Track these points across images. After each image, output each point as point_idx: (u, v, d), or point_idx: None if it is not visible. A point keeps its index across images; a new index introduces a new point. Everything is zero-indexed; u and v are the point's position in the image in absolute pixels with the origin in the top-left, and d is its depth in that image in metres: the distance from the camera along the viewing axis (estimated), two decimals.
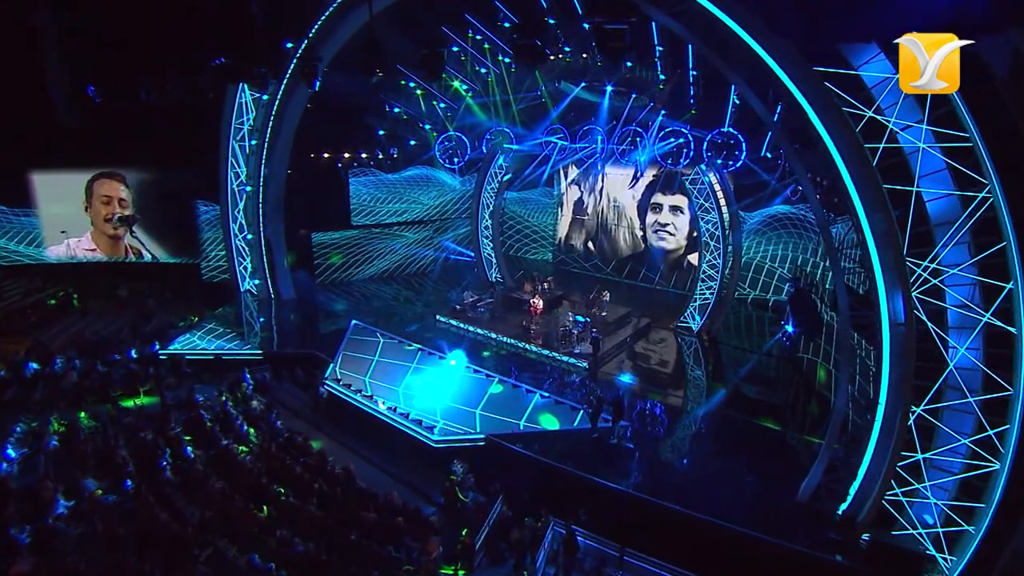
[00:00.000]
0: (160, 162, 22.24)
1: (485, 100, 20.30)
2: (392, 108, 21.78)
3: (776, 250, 20.73)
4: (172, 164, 21.96)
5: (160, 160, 22.09)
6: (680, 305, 21.18)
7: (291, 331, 19.33)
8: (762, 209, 19.81)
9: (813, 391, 15.07)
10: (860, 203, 9.15)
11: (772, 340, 18.34)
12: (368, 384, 15.43)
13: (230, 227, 20.89)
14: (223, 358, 17.10)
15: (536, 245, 27.57)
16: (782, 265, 20.54)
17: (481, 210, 23.61)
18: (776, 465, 12.62)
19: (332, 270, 23.77)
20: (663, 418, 14.76)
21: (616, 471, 12.18)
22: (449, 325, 19.56)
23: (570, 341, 17.53)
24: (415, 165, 24.56)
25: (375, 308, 21.42)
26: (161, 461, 11.96)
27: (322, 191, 22.69)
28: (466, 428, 13.69)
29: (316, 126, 20.28)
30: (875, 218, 8.97)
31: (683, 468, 12.74)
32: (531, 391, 14.76)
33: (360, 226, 23.90)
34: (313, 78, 13.54)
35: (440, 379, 15.32)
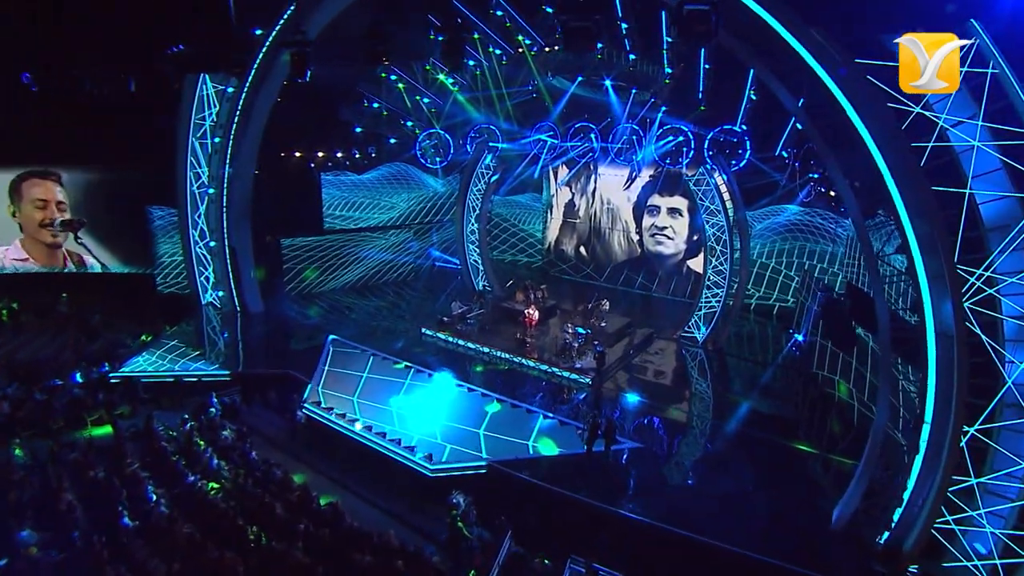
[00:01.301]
0: (106, 160, 20.94)
1: (474, 95, 19.74)
2: (371, 103, 21.10)
3: (780, 254, 20.71)
4: (120, 163, 20.71)
5: (106, 158, 20.79)
6: (681, 313, 21.00)
7: (261, 348, 18.48)
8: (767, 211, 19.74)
9: (832, 407, 14.87)
10: (904, 207, 8.89)
11: (785, 350, 18.18)
12: (352, 407, 14.69)
13: (190, 233, 19.88)
14: (185, 380, 16.09)
15: (522, 251, 27.19)
16: (788, 270, 20.51)
17: (467, 213, 22.99)
18: (795, 487, 12.34)
19: (305, 281, 22.93)
20: (663, 435, 14.45)
21: (626, 497, 11.78)
22: (437, 339, 18.96)
23: (570, 355, 17.05)
24: (391, 163, 23.92)
25: (354, 321, 20.72)
26: (117, 505, 10.86)
27: (293, 193, 21.86)
28: (465, 453, 13.05)
29: (287, 122, 19.50)
30: (921, 223, 8.70)
31: (698, 491, 12.37)
32: (533, 411, 14.38)
33: (333, 231, 23.13)
34: (304, 66, 12.70)
35: (432, 400, 14.78)
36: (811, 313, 15.95)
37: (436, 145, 22.46)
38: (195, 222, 19.83)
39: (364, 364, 16.24)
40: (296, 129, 20.80)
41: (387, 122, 21.91)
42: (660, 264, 23.74)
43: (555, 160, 22.52)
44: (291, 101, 18.91)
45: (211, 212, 19.76)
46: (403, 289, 24.49)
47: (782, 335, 20.11)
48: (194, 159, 19.34)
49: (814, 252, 19.57)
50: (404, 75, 19.38)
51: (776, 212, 19.76)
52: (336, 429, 14.00)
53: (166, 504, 11.18)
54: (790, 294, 20.71)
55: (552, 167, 24.50)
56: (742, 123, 15.33)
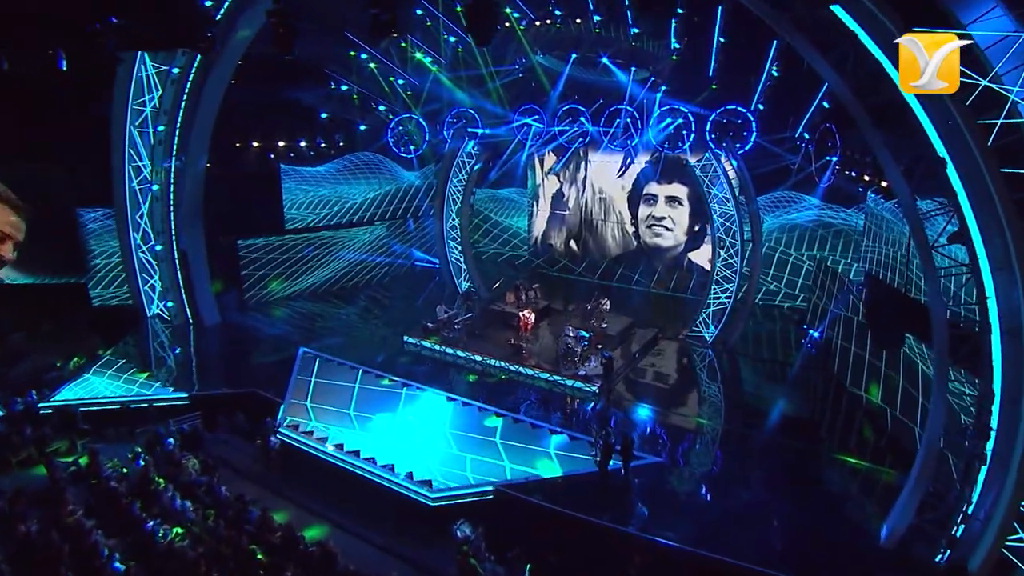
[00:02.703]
0: (27, 154, 19.21)
1: (455, 75, 19.03)
2: (339, 85, 20.30)
3: (787, 243, 20.65)
4: (43, 157, 19.01)
5: (27, 152, 19.07)
6: (684, 311, 20.90)
7: (221, 365, 17.64)
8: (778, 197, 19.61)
9: (859, 410, 14.72)
10: (965, 191, 8.57)
11: (804, 349, 18.11)
12: (334, 429, 13.91)
13: (130, 236, 18.67)
14: (134, 407, 14.87)
15: (506, 244, 26.76)
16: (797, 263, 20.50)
17: (447, 207, 22.26)
18: (828, 499, 12.13)
19: (268, 287, 21.96)
20: (680, 446, 14.23)
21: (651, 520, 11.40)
22: (421, 348, 18.37)
23: (573, 361, 16.54)
24: (360, 153, 23.24)
25: (325, 330, 19.96)
26: (58, 565, 9.68)
27: (250, 188, 20.89)
28: (467, 477, 12.46)
29: (243, 107, 18.54)
30: (986, 208, 8.39)
31: (727, 508, 11.99)
32: (538, 426, 13.97)
33: (296, 230, 22.18)
34: (290, 40, 11.67)
35: (425, 417, 14.26)
36: (839, 306, 15.83)
37: (411, 132, 21.75)
38: (136, 223, 18.67)
39: (343, 379, 15.65)
40: (253, 115, 19.87)
41: (357, 107, 21.28)
42: (658, 258, 23.53)
43: (542, 147, 21.98)
44: (247, 84, 17.97)
45: (156, 212, 18.65)
46: (378, 293, 23.83)
47: (789, 330, 20.14)
48: (133, 151, 18.10)
49: (824, 240, 19.56)
50: (377, 54, 18.47)
51: (790, 201, 19.61)
52: (318, 456, 13.23)
53: (121, 558, 10.06)
54: (798, 289, 20.69)
55: (539, 154, 24.07)
56: (759, 103, 14.99)
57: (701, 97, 16.42)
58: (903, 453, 12.75)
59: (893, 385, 13.56)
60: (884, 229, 14.42)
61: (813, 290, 19.26)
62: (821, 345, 17.53)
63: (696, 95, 16.63)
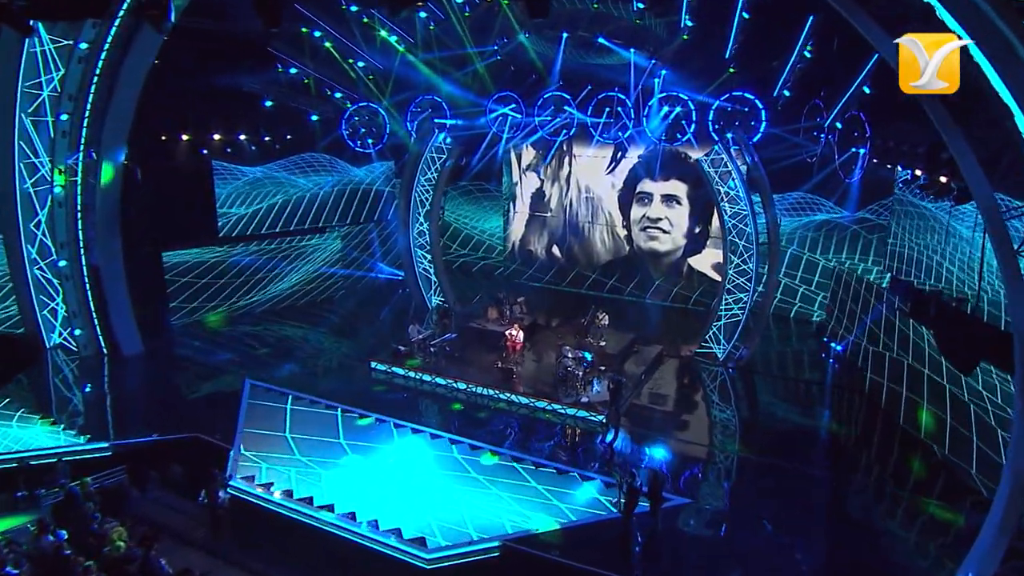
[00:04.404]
0: None
1: (426, 58, 18.54)
2: (287, 68, 19.54)
3: (802, 244, 20.82)
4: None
5: None
6: (688, 324, 20.75)
7: (147, 405, 16.54)
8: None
9: (896, 435, 14.68)
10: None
11: (830, 366, 18.18)
12: (297, 478, 12.95)
13: (23, 250, 17.35)
14: (34, 463, 13.32)
15: (478, 253, 26.61)
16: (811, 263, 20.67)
17: (413, 211, 21.48)
18: (884, 541, 11.87)
19: (204, 309, 21.00)
20: (705, 480, 14.04)
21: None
22: (392, 375, 17.73)
23: (574, 386, 16.05)
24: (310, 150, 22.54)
25: (275, 356, 19.14)
26: None
27: (179, 190, 19.98)
28: (465, 532, 11.70)
29: (170, 94, 17.71)
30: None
31: (774, 556, 11.57)
32: (543, 465, 13.56)
33: (234, 239, 21.38)
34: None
35: (407, 460, 13.70)
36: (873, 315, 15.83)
37: (369, 123, 21.44)
38: (31, 234, 17.35)
39: (304, 416, 15.10)
40: (183, 103, 18.89)
41: (310, 94, 20.54)
42: (655, 264, 23.39)
43: (521, 140, 21.64)
44: (176, 64, 17.07)
45: (58, 219, 17.39)
46: (332, 311, 23.16)
47: (806, 343, 20.24)
48: (26, 145, 16.79)
49: (841, 243, 19.68)
50: (334, 31, 17.70)
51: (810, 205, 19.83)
52: (281, 513, 12.28)
53: None
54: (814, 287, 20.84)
55: (516, 149, 23.79)
56: (784, 88, 14.89)
57: (717, 83, 16.23)
58: (959, 487, 12.72)
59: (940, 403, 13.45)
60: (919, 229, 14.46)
61: (837, 296, 19.32)
62: (846, 360, 17.54)
63: (709, 81, 16.43)
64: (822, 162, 16.68)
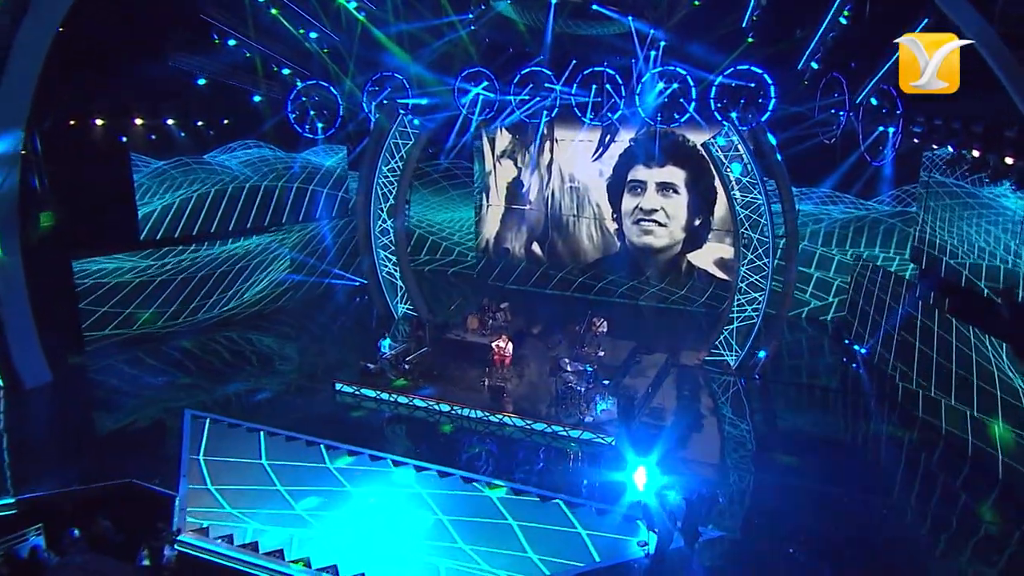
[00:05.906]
0: None
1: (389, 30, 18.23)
2: (224, 39, 18.58)
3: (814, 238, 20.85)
4: None
5: None
6: (693, 329, 20.65)
7: (61, 447, 15.34)
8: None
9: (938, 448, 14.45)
10: None
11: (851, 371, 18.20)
12: (262, 528, 12.10)
13: None
14: None
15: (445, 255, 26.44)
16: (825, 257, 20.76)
17: (374, 205, 20.69)
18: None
19: (130, 323, 19.88)
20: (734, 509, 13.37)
21: None
22: (361, 397, 17.08)
23: (577, 404, 15.46)
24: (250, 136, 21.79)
25: (215, 379, 18.30)
26: None
27: (92, 185, 19.08)
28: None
29: (81, 67, 16.64)
30: None
31: None
32: (548, 497, 12.93)
33: (158, 242, 20.34)
34: None
35: (391, 500, 13.03)
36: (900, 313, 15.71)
37: (321, 105, 20.58)
38: None
39: (258, 451, 14.38)
40: (96, 80, 17.84)
41: (249, 70, 19.58)
42: (649, 261, 23.15)
43: (492, 122, 20.99)
44: (86, 31, 16.04)
45: None
46: (281, 322, 22.56)
47: (822, 345, 20.21)
48: None
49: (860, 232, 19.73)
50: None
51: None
52: (244, 572, 11.41)
53: None
54: (831, 292, 20.86)
55: (489, 134, 23.39)
56: (812, 60, 14.58)
57: (735, 55, 15.83)
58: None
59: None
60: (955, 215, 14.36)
61: (859, 292, 19.23)
62: (874, 365, 17.47)
63: (724, 53, 16.05)
64: (843, 145, 16.48)
